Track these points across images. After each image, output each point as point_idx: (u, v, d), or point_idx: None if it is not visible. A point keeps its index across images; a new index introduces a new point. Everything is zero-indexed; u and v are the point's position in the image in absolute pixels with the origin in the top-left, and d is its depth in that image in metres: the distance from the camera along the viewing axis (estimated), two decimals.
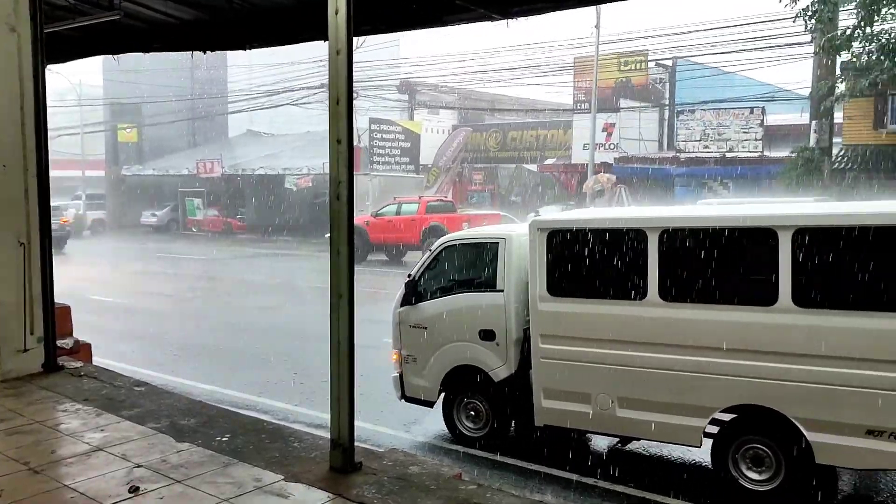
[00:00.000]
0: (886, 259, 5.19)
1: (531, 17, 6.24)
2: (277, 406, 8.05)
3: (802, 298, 5.35)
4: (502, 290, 6.88)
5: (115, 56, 10.09)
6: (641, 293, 6.00)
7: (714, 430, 5.86)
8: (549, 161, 32.54)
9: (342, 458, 3.90)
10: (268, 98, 35.62)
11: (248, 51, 8.53)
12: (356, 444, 4.06)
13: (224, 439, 4.47)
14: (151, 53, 9.58)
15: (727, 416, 5.77)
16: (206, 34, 7.64)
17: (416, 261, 8.65)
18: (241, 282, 20.04)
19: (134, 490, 3.77)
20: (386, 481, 3.80)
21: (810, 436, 5.35)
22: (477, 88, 37.25)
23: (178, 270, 22.84)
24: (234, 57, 38.95)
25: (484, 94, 38.55)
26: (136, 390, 5.57)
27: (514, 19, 6.23)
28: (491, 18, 6.07)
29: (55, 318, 6.02)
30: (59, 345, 6.15)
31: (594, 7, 23.69)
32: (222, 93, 44.50)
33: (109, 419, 4.86)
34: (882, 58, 16.65)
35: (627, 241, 6.12)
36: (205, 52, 8.68)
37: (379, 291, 14.66)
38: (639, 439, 6.62)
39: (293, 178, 35.14)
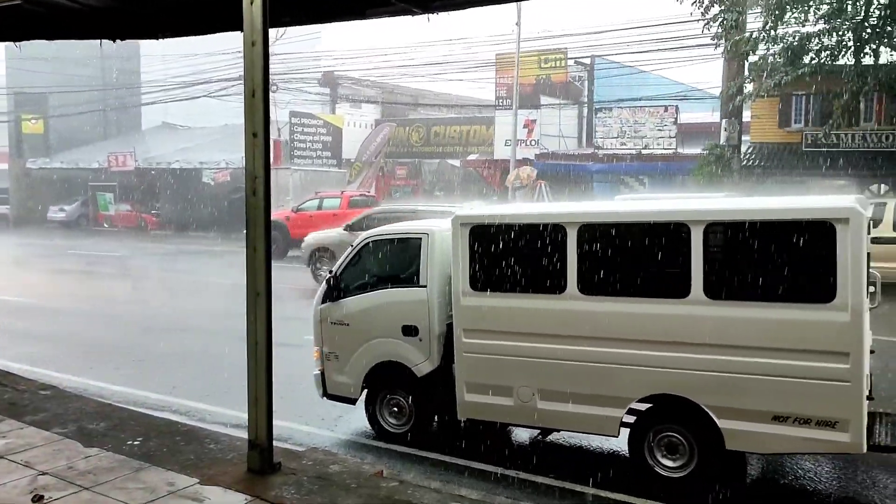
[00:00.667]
0: (787, 252, 5.44)
1: (452, 11, 6.24)
2: (195, 406, 7.81)
3: (713, 290, 5.55)
4: (425, 286, 6.88)
5: (16, 43, 9.59)
6: (561, 287, 6.11)
7: (631, 419, 6.03)
8: (473, 156, 32.79)
9: (260, 459, 3.82)
10: (183, 90, 34.56)
11: (161, 40, 8.25)
12: (275, 444, 3.98)
13: (136, 443, 4.31)
14: (58, 42, 9.14)
15: (643, 406, 5.95)
16: (115, 22, 7.32)
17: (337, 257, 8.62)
18: (157, 280, 19.41)
19: (38, 499, 3.59)
20: (305, 481, 3.75)
21: (721, 423, 5.57)
22: (400, 83, 37.17)
23: (88, 268, 21.92)
24: (148, 47, 37.65)
25: (407, 89, 38.51)
26: (42, 394, 5.30)
27: (435, 14, 6.23)
28: (412, 13, 6.05)
29: None
30: None
31: (515, 4, 23.97)
32: (135, 84, 42.91)
33: (12, 425, 4.61)
34: (785, 60, 17.46)
35: (547, 235, 6.22)
36: (114, 41, 8.33)
37: (300, 288, 14.45)
38: (559, 430, 6.74)
39: (211, 172, 34.26)
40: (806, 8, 17.36)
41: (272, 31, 4.26)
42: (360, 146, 34.05)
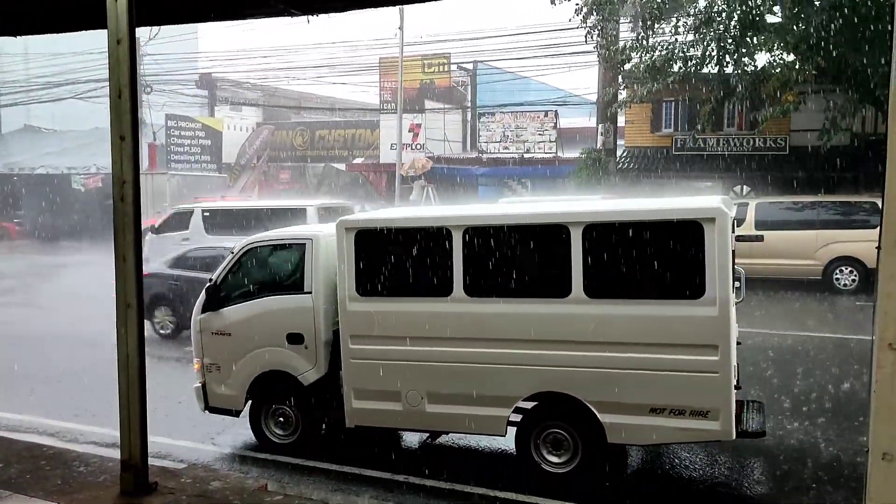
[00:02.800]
0: (660, 251, 5.69)
1: (332, 13, 6.17)
2: (66, 426, 7.32)
3: (592, 289, 5.74)
4: (310, 292, 6.76)
5: None
6: (447, 289, 6.14)
7: (518, 418, 6.14)
8: (358, 160, 32.61)
9: (134, 480, 3.61)
10: (48, 90, 32.50)
11: (20, 37, 7.71)
12: (151, 462, 3.78)
13: None
14: None
15: (529, 405, 6.08)
16: None
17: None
18: (26, 294, 18.11)
19: None
20: (184, 500, 3.58)
21: (602, 417, 5.76)
22: (282, 86, 36.46)
23: None
24: (8, 44, 35.11)
25: (290, 92, 37.83)
26: None
27: (315, 15, 6.13)
28: (291, 14, 5.92)
29: None
30: None
31: (397, 7, 24.03)
32: None
33: None
34: (655, 69, 18.39)
35: (433, 239, 6.25)
36: None
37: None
38: (448, 433, 6.78)
39: (80, 177, 32.34)
40: (674, 19, 18.35)
41: (144, 31, 4.07)
42: (240, 149, 33.17)
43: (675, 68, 18.21)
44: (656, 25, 18.27)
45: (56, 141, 37.69)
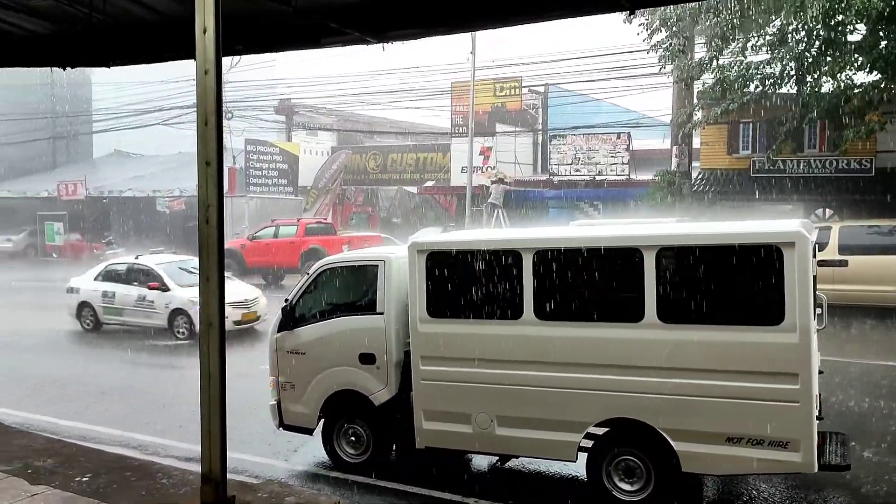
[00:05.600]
0: (737, 276, 5.57)
1: (406, 41, 6.32)
2: (148, 440, 7.60)
3: (666, 314, 5.64)
4: (382, 313, 6.86)
5: None
6: (517, 312, 6.15)
7: (589, 444, 6.06)
8: (429, 183, 32.93)
9: (214, 494, 3.74)
10: (137, 117, 34.09)
11: (111, 68, 8.16)
12: (230, 476, 3.90)
13: (85, 479, 4.18)
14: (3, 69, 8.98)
15: (601, 431, 5.99)
16: (65, 49, 7.23)
17: (295, 285, 8.42)
18: None
19: None
20: None
21: (676, 445, 5.63)
22: (356, 111, 37.26)
23: (36, 300, 21.27)
24: (101, 74, 37.06)
25: (363, 117, 38.59)
26: None
27: (390, 43, 6.30)
28: (366, 42, 6.11)
29: None
30: None
31: (469, 34, 24.32)
32: (87, 111, 42.20)
33: None
34: (731, 88, 18.00)
35: (503, 261, 6.27)
36: (64, 69, 8.22)
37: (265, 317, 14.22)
38: (518, 456, 6.74)
39: (165, 200, 33.73)
40: (749, 37, 17.96)
41: (226, 60, 4.25)
42: (317, 173, 33.93)
43: (751, 87, 17.77)
44: (728, 46, 17.92)
45: (143, 165, 39.50)
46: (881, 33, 15.77)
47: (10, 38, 6.89)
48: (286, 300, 7.46)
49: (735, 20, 17.02)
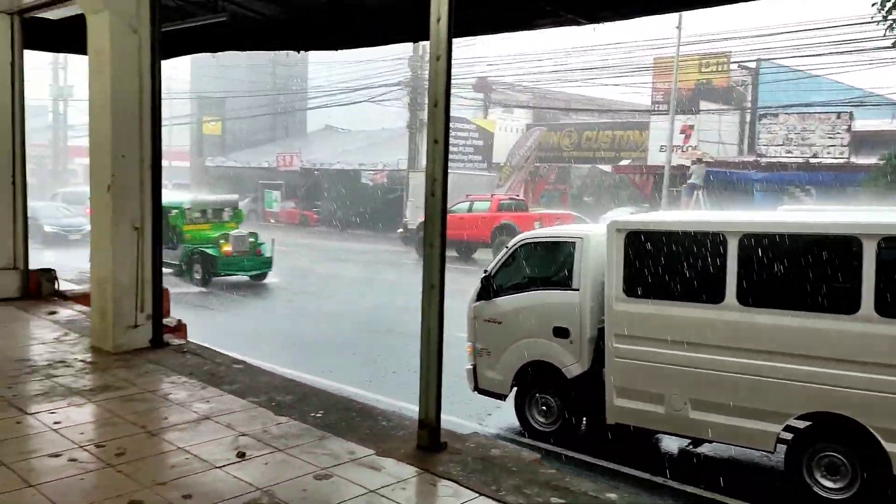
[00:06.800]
0: None
1: (617, 21, 6.37)
2: (361, 394, 8.34)
3: (885, 308, 5.34)
4: (578, 289, 7.04)
5: (213, 54, 10.67)
6: (718, 296, 6.07)
7: (789, 436, 5.89)
8: (625, 162, 32.22)
9: (429, 438, 4.17)
10: (346, 95, 36.35)
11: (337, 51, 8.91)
12: (441, 426, 4.31)
13: (318, 415, 4.81)
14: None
15: (802, 424, 5.80)
16: (299, 34, 8.00)
17: (486, 258, 8.79)
18: (330, 274, 20.59)
19: (241, 455, 4.14)
20: (470, 461, 4.05)
21: (889, 446, 5.34)
22: (553, 88, 37.14)
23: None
24: (316, 54, 39.86)
25: (560, 94, 38.41)
26: (235, 367, 5.99)
27: (600, 23, 6.38)
28: (578, 23, 6.23)
29: (162, 299, 6.52)
30: (164, 323, 6.64)
31: None
32: (303, 89, 45.67)
33: (213, 392, 5.27)
34: None
35: (706, 244, 6.20)
36: (298, 52, 9.09)
37: (449, 287, 14.87)
38: (710, 441, 6.68)
39: (369, 173, 35.84)
40: None
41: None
42: (511, 150, 34.40)
43: None
44: None
45: (350, 140, 42.17)
46: None
47: (252, 23, 7.74)
48: (485, 271, 7.85)
49: None
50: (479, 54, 43.44)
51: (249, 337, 11.72)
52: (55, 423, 4.62)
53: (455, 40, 4.15)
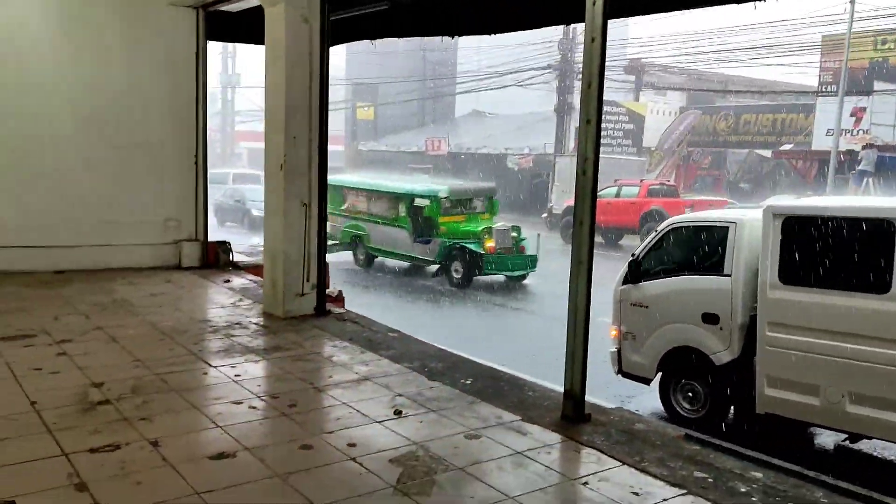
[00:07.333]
0: None
1: None
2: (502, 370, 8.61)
3: None
4: (729, 275, 6.88)
5: (372, 41, 11.22)
6: (884, 286, 5.77)
7: None
8: (786, 147, 30.37)
9: (573, 408, 4.33)
10: (494, 79, 36.63)
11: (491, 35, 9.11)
12: (586, 399, 4.46)
13: (467, 382, 5.10)
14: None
15: None
16: (454, 20, 8.27)
17: (633, 245, 8.67)
18: None
19: (398, 413, 4.50)
20: (613, 432, 4.18)
21: None
22: (709, 69, 35.56)
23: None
24: (465, 39, 40.31)
25: (716, 76, 36.73)
26: (390, 335, 6.43)
27: (763, 1, 6.17)
28: (737, 0, 6.07)
29: (325, 271, 7.08)
30: (326, 293, 7.21)
31: None
32: (451, 74, 46.44)
33: (371, 356, 5.70)
34: None
35: (870, 231, 5.90)
36: (452, 38, 9.37)
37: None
38: (871, 438, 6.36)
39: (514, 157, 36.01)
40: None
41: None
42: (662, 134, 33.37)
43: None
44: None
45: (497, 124, 42.46)
46: None
47: (410, 10, 8.09)
48: (633, 255, 7.83)
49: None
50: (632, 35, 42.30)
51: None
52: (236, 375, 5.19)
53: (609, 21, 4.22)
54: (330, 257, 16.05)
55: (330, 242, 16.76)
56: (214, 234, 10.13)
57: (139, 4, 9.02)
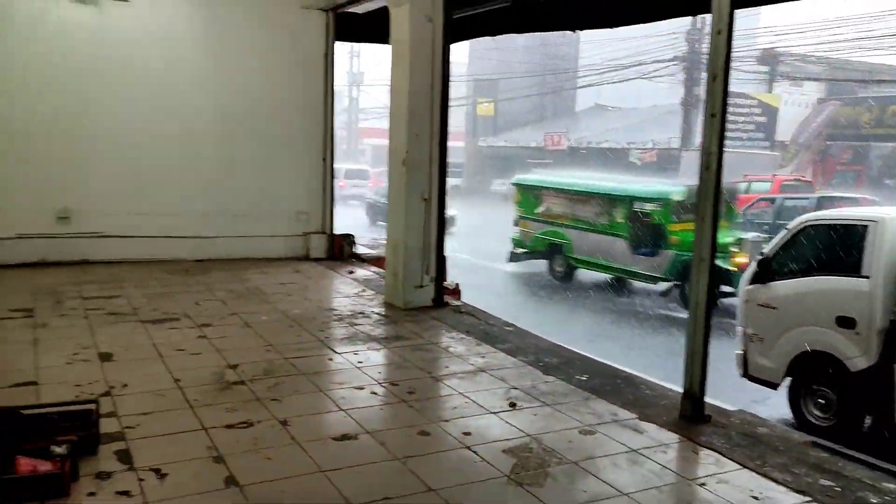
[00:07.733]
0: None
1: None
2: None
3: None
4: (868, 276, 6.50)
5: (492, 38, 11.29)
6: None
7: None
8: None
9: (692, 408, 4.24)
10: (617, 72, 35.85)
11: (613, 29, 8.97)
12: (705, 399, 4.36)
13: (583, 378, 5.09)
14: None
15: None
16: (577, 14, 8.20)
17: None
18: None
19: (512, 405, 4.56)
20: (734, 435, 4.07)
21: None
22: (851, 58, 33.32)
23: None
24: (586, 33, 39.62)
25: (859, 64, 34.35)
26: (506, 329, 6.51)
27: None
28: None
29: (444, 263, 7.24)
30: (444, 285, 7.37)
31: None
32: (572, 68, 45.84)
33: (487, 349, 5.80)
34: None
35: None
36: (573, 31, 9.31)
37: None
38: None
39: (637, 152, 35.16)
40: None
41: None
42: (798, 127, 31.61)
43: None
44: None
45: (620, 118, 41.58)
46: None
47: (532, 6, 8.09)
48: (761, 254, 7.52)
49: None
50: (764, 24, 40.24)
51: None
52: (358, 362, 5.42)
53: (737, 11, 4.10)
54: (516, 267, 16.31)
55: (518, 250, 16.58)
56: (366, 233, 10.52)
57: (274, 8, 9.52)
